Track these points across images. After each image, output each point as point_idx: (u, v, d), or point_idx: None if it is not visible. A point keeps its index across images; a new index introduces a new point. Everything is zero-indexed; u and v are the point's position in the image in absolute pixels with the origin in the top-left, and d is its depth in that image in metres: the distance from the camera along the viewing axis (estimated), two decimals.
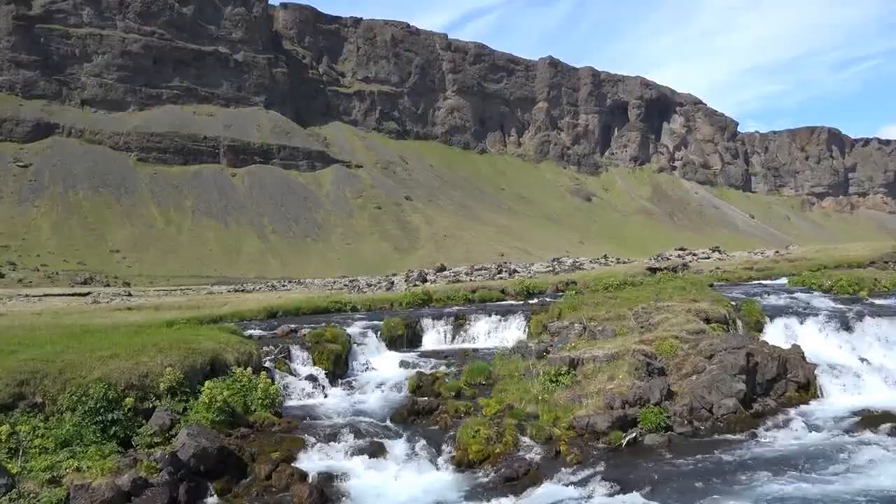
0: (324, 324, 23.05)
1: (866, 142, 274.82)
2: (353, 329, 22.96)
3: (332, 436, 13.20)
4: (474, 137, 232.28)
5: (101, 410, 12.35)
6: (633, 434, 12.48)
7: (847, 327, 18.18)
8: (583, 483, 10.66)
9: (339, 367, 19.50)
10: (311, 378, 18.05)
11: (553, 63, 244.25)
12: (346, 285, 56.63)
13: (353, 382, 18.72)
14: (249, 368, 15.61)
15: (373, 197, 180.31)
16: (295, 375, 18.02)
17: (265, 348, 18.98)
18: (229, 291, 60.87)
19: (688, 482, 10.40)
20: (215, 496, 10.97)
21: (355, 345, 21.18)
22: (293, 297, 37.47)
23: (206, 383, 13.75)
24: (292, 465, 11.85)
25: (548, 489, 10.60)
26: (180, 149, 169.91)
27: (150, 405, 13.48)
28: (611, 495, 10.09)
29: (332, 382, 18.37)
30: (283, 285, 77.13)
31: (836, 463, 10.91)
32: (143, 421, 12.94)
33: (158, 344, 15.43)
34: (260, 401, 14.65)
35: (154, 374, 14.01)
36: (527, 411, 13.81)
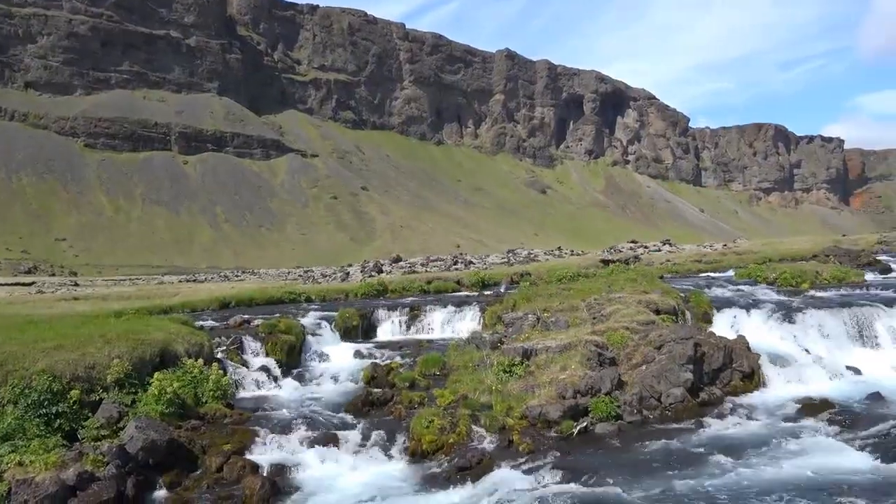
0: (278, 315, 22.84)
1: (810, 139, 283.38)
2: (308, 320, 22.81)
3: (285, 427, 13.12)
4: (431, 128, 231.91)
5: (45, 403, 12.04)
6: (585, 423, 12.70)
7: (790, 319, 18.78)
8: (534, 471, 10.82)
9: (292, 358, 19.36)
10: (265, 369, 17.88)
11: (510, 55, 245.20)
12: (300, 276, 56.09)
13: (307, 373, 18.61)
14: (201, 360, 15.39)
15: (328, 187, 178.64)
16: (247, 367, 17.83)
17: (217, 339, 18.73)
18: (181, 281, 59.72)
19: (637, 469, 10.64)
20: (164, 489, 10.81)
21: (309, 335, 21.05)
22: (246, 287, 36.97)
23: (156, 375, 13.51)
24: (244, 456, 11.74)
25: (500, 478, 10.73)
26: (130, 135, 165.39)
27: (97, 397, 13.19)
28: (562, 483, 10.26)
29: (286, 373, 18.24)
30: (237, 275, 75.96)
31: (777, 449, 11.29)
32: (90, 414, 12.65)
33: (106, 335, 15.07)
34: (211, 392, 14.46)
35: (101, 366, 13.70)
36: (480, 401, 13.93)
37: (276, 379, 17.58)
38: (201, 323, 21.71)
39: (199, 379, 14.63)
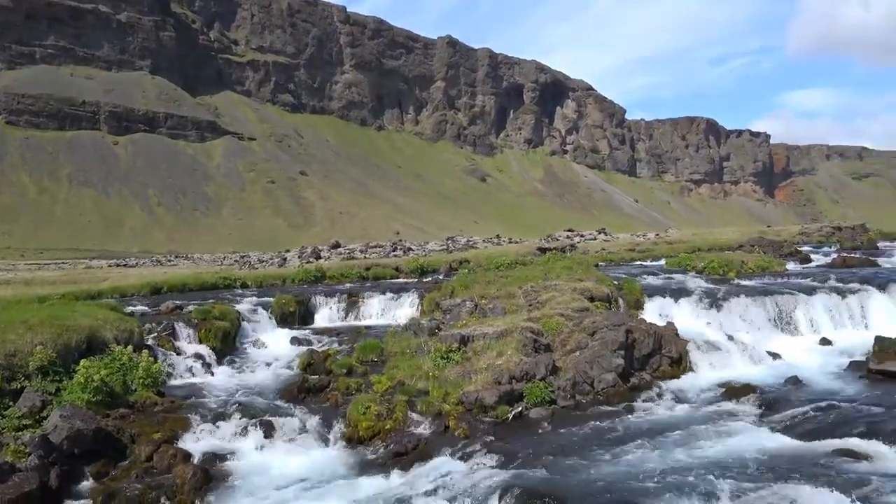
0: (212, 300, 22.42)
1: (739, 133, 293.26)
2: (243, 306, 22.48)
3: (218, 415, 12.91)
4: (372, 114, 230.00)
5: None
6: (519, 408, 12.92)
7: (716, 306, 19.50)
8: (470, 456, 10.96)
9: (227, 345, 19.05)
10: (198, 356, 17.54)
11: (452, 43, 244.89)
12: (236, 261, 55.08)
13: (243, 360, 18.35)
14: (130, 346, 14.97)
15: (266, 171, 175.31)
16: (180, 353, 17.45)
17: (148, 325, 18.26)
18: (110, 266, 57.85)
19: (569, 452, 10.90)
20: (91, 480, 10.50)
21: (245, 322, 20.75)
22: (180, 272, 36.10)
23: (82, 362, 13.07)
24: (175, 445, 11.50)
25: (436, 463, 10.83)
26: (55, 113, 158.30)
27: (19, 386, 12.70)
28: (496, 467, 10.43)
29: (220, 360, 17.94)
30: (170, 260, 74.04)
31: (702, 431, 11.72)
32: (11, 402, 12.17)
33: (28, 321, 14.49)
34: (141, 380, 14.09)
35: (23, 353, 13.19)
36: (418, 388, 14.01)
37: (209, 366, 17.27)
38: (131, 309, 21.13)
39: (129, 366, 14.24)
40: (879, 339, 15.77)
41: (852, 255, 32.36)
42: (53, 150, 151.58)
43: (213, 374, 16.92)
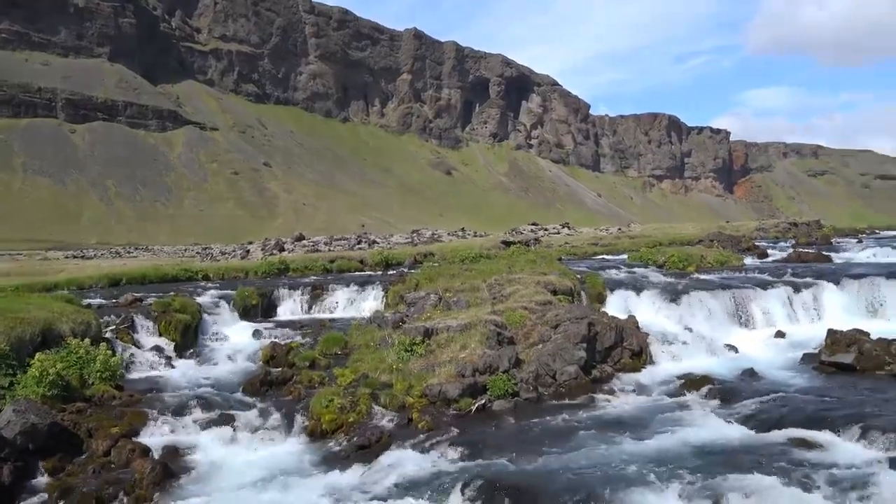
0: (173, 293, 22.06)
1: (700, 130, 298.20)
2: (205, 298, 22.19)
3: (178, 409, 12.74)
4: (337, 105, 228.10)
5: None
6: (483, 401, 13.01)
7: (676, 300, 19.86)
8: (433, 448, 11.01)
9: (188, 338, 18.81)
10: (157, 349, 17.29)
11: (418, 35, 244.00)
12: (198, 253, 54.34)
13: (204, 353, 18.15)
14: (87, 339, 14.66)
15: (229, 162, 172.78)
16: (139, 346, 17.18)
17: (106, 318, 17.91)
18: (67, 257, 56.58)
19: (531, 444, 11.02)
20: (46, 476, 10.29)
21: (206, 315, 20.49)
22: (139, 264, 35.47)
23: (37, 356, 12.77)
24: (134, 440, 11.33)
25: (399, 455, 10.85)
26: (9, 99, 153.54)
27: None
28: (459, 459, 10.50)
29: (181, 354, 17.72)
30: (129, 252, 72.66)
31: (661, 422, 11.95)
32: None
33: None
34: (99, 373, 13.83)
35: None
36: (381, 380, 14.00)
37: (169, 359, 17.03)
38: (89, 301, 20.70)
39: (86, 359, 13.96)
40: (831, 332, 16.25)
41: (807, 251, 33.20)
42: (7, 137, 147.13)
43: (173, 368, 16.69)
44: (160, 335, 18.17)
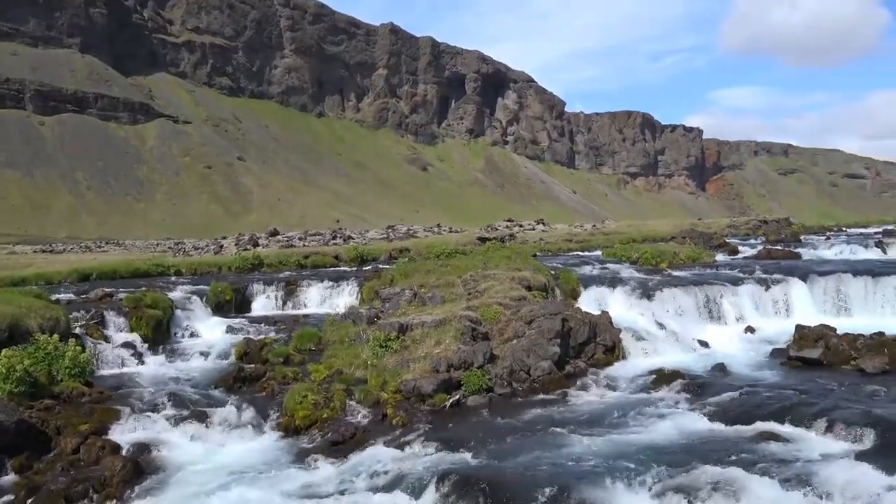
0: (144, 288, 21.80)
1: (673, 128, 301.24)
2: (177, 294, 21.96)
3: (149, 405, 12.61)
4: (312, 100, 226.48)
5: None
6: (457, 396, 13.04)
7: (648, 296, 20.07)
8: (407, 444, 11.01)
9: (160, 334, 18.60)
10: (128, 345, 17.07)
11: (394, 30, 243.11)
12: (170, 248, 53.76)
13: (176, 349, 17.96)
14: (56, 335, 14.43)
15: (202, 155, 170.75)
16: (109, 342, 16.95)
17: (75, 314, 17.66)
18: (35, 252, 55.62)
19: (505, 439, 11.07)
20: (13, 474, 10.12)
21: (178, 310, 20.27)
22: (110, 259, 34.96)
23: (4, 352, 12.54)
24: (104, 437, 11.18)
25: (373, 451, 10.84)
26: None
27: None
28: (433, 454, 10.51)
29: (152, 350, 17.52)
30: (100, 246, 71.61)
31: (634, 417, 12.08)
32: None
33: None
34: (68, 370, 13.62)
35: None
36: (356, 376, 13.98)
37: (140, 355, 16.84)
38: (58, 296, 20.37)
39: (54, 356, 13.73)
40: (800, 328, 16.55)
41: (777, 248, 33.74)
42: None
43: (144, 364, 16.51)
44: (131, 331, 17.95)
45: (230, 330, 19.81)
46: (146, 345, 17.53)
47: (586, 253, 37.74)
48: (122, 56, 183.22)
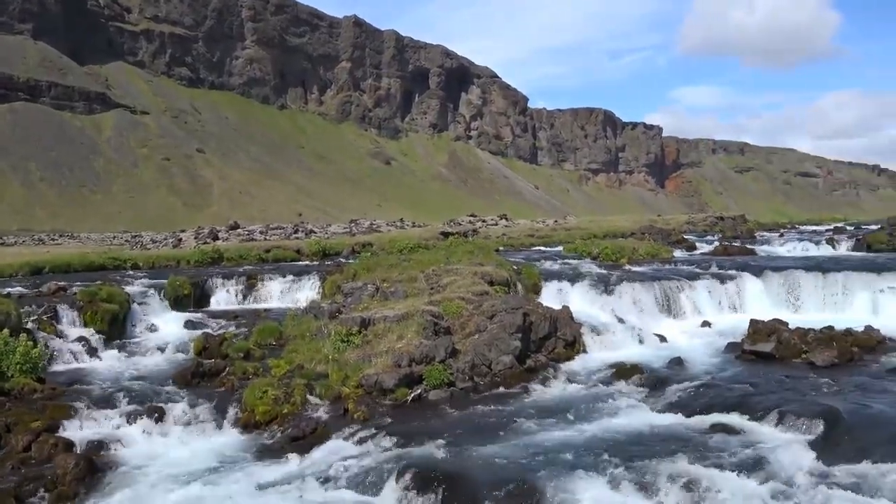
0: (99, 282, 21.34)
1: (634, 125, 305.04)
2: (134, 288, 21.57)
3: (104, 401, 12.37)
4: (274, 92, 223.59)
5: None
6: (419, 391, 13.06)
7: (608, 291, 20.35)
8: (368, 438, 11.00)
9: (115, 329, 18.25)
10: (83, 340, 16.71)
11: (358, 23, 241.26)
12: (127, 241, 52.76)
13: (132, 344, 17.65)
14: (6, 330, 14.05)
15: (160, 147, 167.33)
16: (63, 338, 16.57)
17: (27, 308, 17.20)
18: None
19: (466, 433, 11.13)
20: None
21: (135, 304, 19.92)
22: (64, 252, 34.15)
23: None
24: (56, 434, 10.93)
25: (333, 446, 10.81)
26: None
27: None
28: (394, 449, 10.51)
29: (108, 345, 17.18)
30: (53, 239, 69.86)
31: (593, 410, 12.26)
32: None
33: None
34: (19, 366, 13.27)
35: None
36: (317, 371, 13.89)
37: (95, 350, 16.49)
38: (8, 290, 19.84)
39: (4, 351, 13.37)
40: (753, 322, 16.97)
41: (733, 244, 34.52)
42: None
43: (99, 359, 16.19)
44: (86, 325, 17.58)
45: (189, 325, 19.52)
46: (101, 340, 17.19)
47: (548, 248, 38.06)
48: (78, 44, 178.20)
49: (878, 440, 9.82)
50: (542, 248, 38.28)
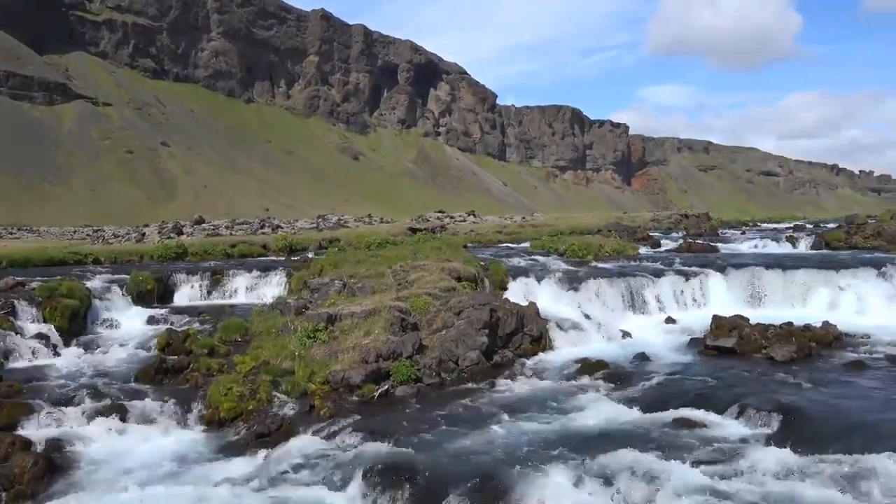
0: (59, 277, 20.90)
1: (601, 123, 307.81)
2: (95, 283, 21.18)
3: (64, 399, 12.13)
4: (241, 85, 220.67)
5: None
6: (386, 386, 13.06)
7: (575, 287, 20.54)
8: (335, 434, 10.97)
9: (76, 325, 17.88)
10: (41, 337, 16.36)
11: (326, 16, 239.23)
12: (89, 235, 51.76)
13: (94, 341, 17.32)
14: None
15: (123, 139, 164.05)
16: (20, 334, 16.20)
17: None
18: None
19: (433, 429, 11.17)
20: None
21: (96, 300, 19.54)
22: (22, 246, 33.34)
23: None
24: (14, 433, 10.68)
25: (299, 442, 10.75)
26: None
27: None
28: (361, 445, 10.50)
29: (68, 341, 16.84)
30: (11, 233, 68.04)
31: (558, 405, 12.39)
32: None
33: None
34: None
35: None
36: (283, 367, 13.80)
37: (55, 347, 16.17)
38: None
39: None
40: (716, 318, 17.29)
41: (697, 241, 35.09)
42: None
43: (59, 356, 15.87)
44: (45, 321, 17.21)
45: (152, 320, 19.24)
46: (61, 336, 16.84)
47: (515, 245, 38.27)
48: (37, 33, 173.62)
49: (833, 433, 10.11)
50: (510, 245, 38.47)
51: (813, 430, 10.27)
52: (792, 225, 63.58)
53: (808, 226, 58.78)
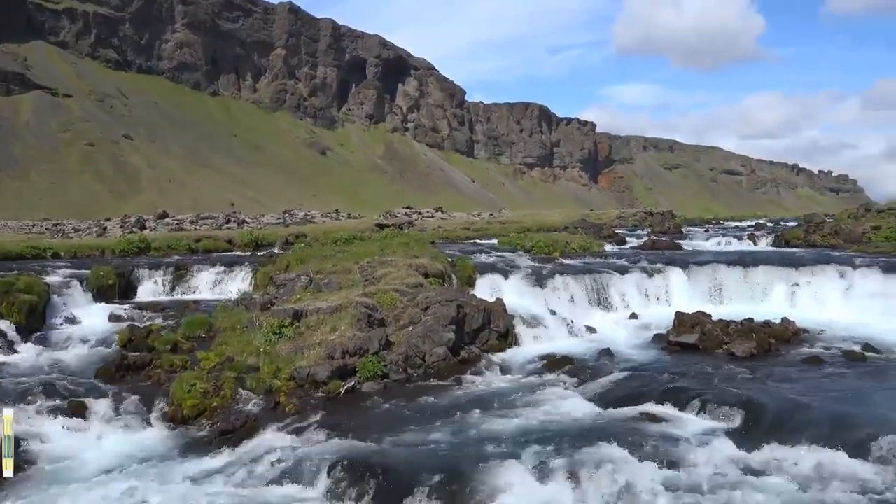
0: (16, 272, 20.37)
1: (569, 121, 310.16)
2: (54, 278, 20.71)
3: (21, 397, 11.87)
4: (206, 78, 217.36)
5: None
6: (352, 383, 13.01)
7: (541, 284, 20.68)
8: (300, 431, 10.91)
9: (34, 321, 17.48)
10: None
11: (293, 10, 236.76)
12: (48, 229, 50.60)
13: (53, 337, 16.95)
14: None
15: (84, 132, 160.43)
16: None
17: None
18: None
19: (399, 425, 11.17)
20: None
21: (55, 295, 19.12)
22: None
23: None
24: None
25: (264, 439, 10.67)
26: None
27: None
28: (326, 441, 10.46)
29: (25, 338, 16.47)
30: None
31: (523, 400, 12.48)
32: None
33: None
34: None
35: None
36: (248, 364, 13.66)
37: (12, 344, 15.80)
38: None
39: None
40: (679, 314, 17.57)
41: (661, 239, 35.59)
42: None
43: (16, 353, 15.50)
44: (2, 318, 16.77)
45: (113, 317, 18.87)
46: (18, 332, 16.45)
47: (483, 241, 38.36)
48: None
49: (792, 426, 10.35)
50: (478, 241, 38.57)
51: (772, 424, 10.51)
52: (753, 223, 64.86)
53: (768, 224, 59.99)
